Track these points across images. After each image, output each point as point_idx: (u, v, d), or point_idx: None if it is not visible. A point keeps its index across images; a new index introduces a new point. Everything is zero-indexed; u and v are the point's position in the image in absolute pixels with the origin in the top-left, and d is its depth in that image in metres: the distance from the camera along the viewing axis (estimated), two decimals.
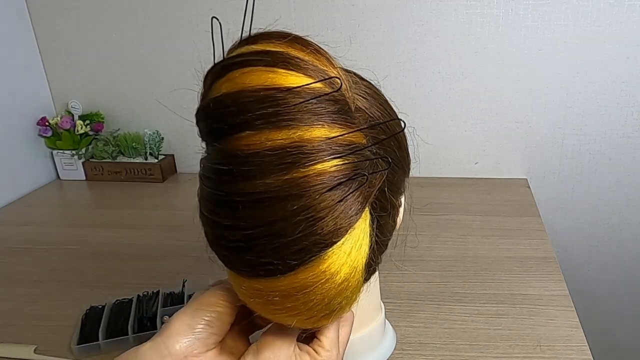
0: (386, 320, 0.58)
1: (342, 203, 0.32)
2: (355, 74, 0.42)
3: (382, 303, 0.55)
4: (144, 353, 0.37)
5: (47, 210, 1.04)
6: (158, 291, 0.67)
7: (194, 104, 0.36)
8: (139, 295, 0.67)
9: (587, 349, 0.57)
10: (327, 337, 0.39)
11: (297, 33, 0.35)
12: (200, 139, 0.37)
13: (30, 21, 1.11)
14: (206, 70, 0.36)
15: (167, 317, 0.62)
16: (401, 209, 0.47)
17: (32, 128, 1.12)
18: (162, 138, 1.14)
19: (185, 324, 0.38)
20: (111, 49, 1.11)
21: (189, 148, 1.15)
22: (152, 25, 1.08)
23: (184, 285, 0.68)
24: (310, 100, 0.32)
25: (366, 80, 0.42)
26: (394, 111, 0.43)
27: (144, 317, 0.63)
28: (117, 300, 0.67)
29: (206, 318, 0.38)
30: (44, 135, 1.13)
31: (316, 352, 0.39)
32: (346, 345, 0.41)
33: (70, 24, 1.10)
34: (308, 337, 0.40)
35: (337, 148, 0.32)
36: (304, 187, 0.31)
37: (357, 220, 0.33)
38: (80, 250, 0.84)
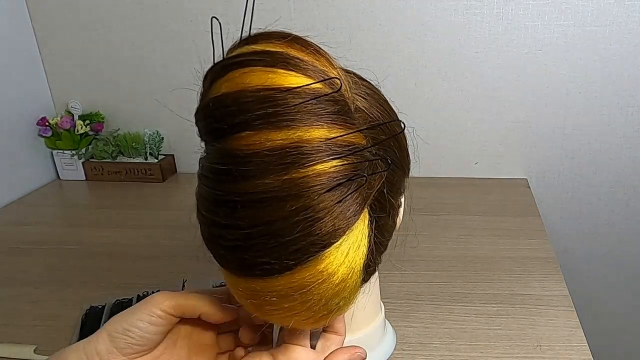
0: (386, 320, 0.58)
1: (340, 204, 0.32)
2: (355, 74, 0.41)
3: (382, 303, 0.55)
4: (67, 356, 0.38)
5: (47, 210, 1.04)
6: (158, 291, 0.67)
7: (194, 104, 0.36)
8: (139, 295, 0.67)
9: (587, 349, 0.57)
10: None
11: (297, 33, 0.35)
12: (199, 138, 0.37)
13: (30, 21, 1.11)
14: (206, 70, 0.36)
15: None
16: (401, 210, 0.47)
17: (32, 128, 1.12)
18: (162, 138, 1.14)
19: (107, 329, 0.38)
20: (111, 49, 1.11)
21: (189, 148, 1.15)
22: (152, 25, 1.08)
23: (184, 285, 0.68)
24: (310, 101, 0.32)
25: (366, 81, 0.42)
26: (394, 111, 0.42)
27: None
28: (117, 300, 0.67)
29: (125, 325, 0.38)
30: (44, 135, 1.13)
31: None
32: None
33: (70, 24, 1.10)
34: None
35: (337, 149, 0.32)
36: (303, 187, 0.31)
37: (355, 222, 0.33)
38: (80, 250, 0.84)
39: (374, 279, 0.49)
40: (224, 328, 0.44)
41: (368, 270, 0.37)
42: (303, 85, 0.32)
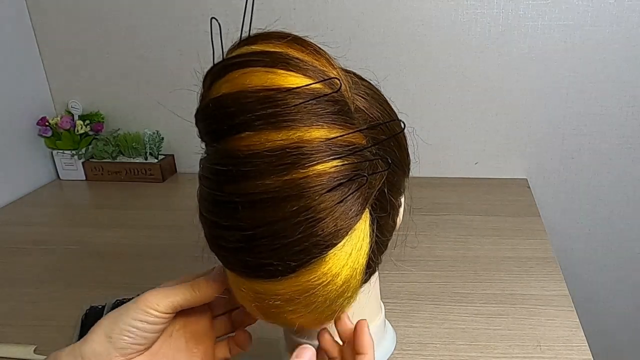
0: (386, 320, 0.58)
1: (342, 204, 0.32)
2: (355, 74, 0.41)
3: (382, 303, 0.55)
4: (61, 359, 0.37)
5: (47, 210, 1.04)
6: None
7: (194, 104, 0.36)
8: (138, 295, 0.67)
9: (587, 348, 0.57)
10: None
11: (297, 33, 0.35)
12: (200, 139, 0.37)
13: (30, 21, 1.11)
14: (206, 70, 0.36)
15: None
16: (401, 209, 0.47)
17: (32, 128, 1.12)
18: (162, 138, 1.14)
19: (103, 330, 0.37)
20: (111, 49, 1.11)
21: (189, 148, 1.15)
22: (152, 25, 1.08)
23: None
24: (310, 101, 0.32)
25: (366, 81, 0.42)
26: (394, 111, 0.42)
27: None
28: (117, 300, 0.66)
29: (122, 326, 0.37)
30: (44, 135, 1.13)
31: None
32: None
33: (70, 24, 1.10)
34: None
35: (337, 149, 0.32)
36: (303, 187, 0.31)
37: (357, 222, 0.33)
38: (80, 250, 0.84)
39: (374, 279, 0.49)
40: (217, 311, 0.44)
41: (369, 269, 0.37)
42: (303, 86, 0.32)
